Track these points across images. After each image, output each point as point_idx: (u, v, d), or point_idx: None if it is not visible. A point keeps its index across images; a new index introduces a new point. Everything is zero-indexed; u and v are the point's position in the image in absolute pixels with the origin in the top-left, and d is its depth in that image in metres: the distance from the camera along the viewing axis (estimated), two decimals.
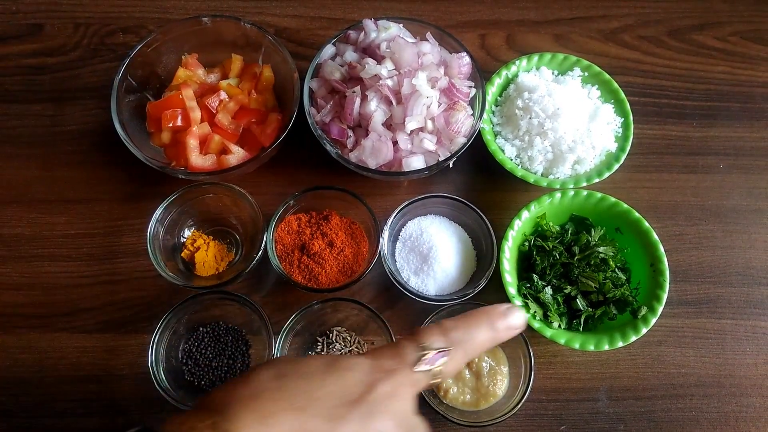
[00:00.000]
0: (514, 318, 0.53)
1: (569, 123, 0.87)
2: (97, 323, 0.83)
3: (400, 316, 0.85)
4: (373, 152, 0.82)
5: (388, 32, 0.86)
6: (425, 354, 0.48)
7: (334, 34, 0.89)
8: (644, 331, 0.77)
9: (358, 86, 0.83)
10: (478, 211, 0.84)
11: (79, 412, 0.79)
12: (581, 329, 0.81)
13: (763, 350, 0.86)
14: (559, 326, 0.80)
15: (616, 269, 0.83)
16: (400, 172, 0.83)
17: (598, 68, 0.94)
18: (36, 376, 0.81)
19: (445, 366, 0.49)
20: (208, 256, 0.84)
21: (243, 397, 0.42)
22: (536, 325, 0.78)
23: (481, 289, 0.80)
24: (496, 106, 0.94)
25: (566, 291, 0.81)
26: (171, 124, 0.85)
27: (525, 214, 0.83)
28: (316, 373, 0.45)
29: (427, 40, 0.88)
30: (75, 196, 0.90)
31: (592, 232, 0.84)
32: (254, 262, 0.80)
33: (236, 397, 0.42)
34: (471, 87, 0.87)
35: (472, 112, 0.86)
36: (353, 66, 0.84)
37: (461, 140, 0.84)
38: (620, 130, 0.91)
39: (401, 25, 0.88)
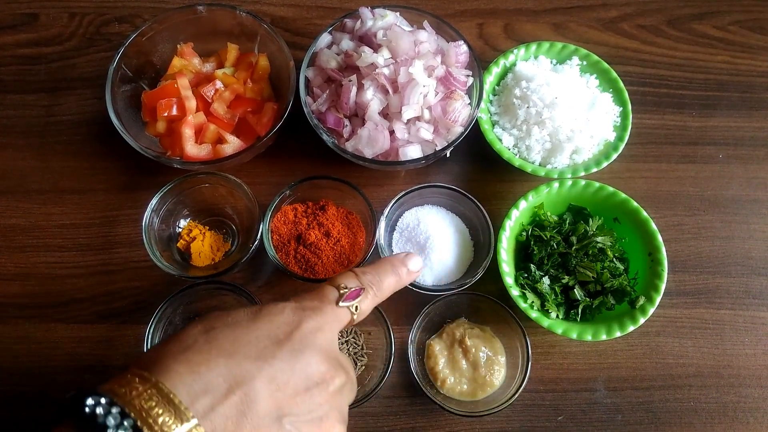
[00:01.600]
0: (411, 263, 0.62)
1: (567, 112, 0.86)
2: (92, 314, 0.83)
3: (397, 306, 0.84)
4: (370, 141, 0.81)
5: (385, 20, 0.85)
6: (344, 292, 0.53)
7: (330, 23, 0.88)
8: (642, 321, 0.77)
9: (355, 75, 0.82)
10: (476, 201, 0.83)
11: None
12: (579, 319, 0.81)
13: (761, 341, 0.86)
14: (557, 316, 0.80)
15: (614, 259, 0.82)
16: (396, 161, 0.83)
17: (596, 57, 0.93)
18: (31, 367, 0.81)
19: (361, 303, 0.54)
20: (203, 246, 0.84)
21: (174, 351, 0.43)
22: (534, 315, 0.77)
23: (478, 279, 0.80)
24: (494, 95, 0.93)
25: (564, 281, 0.81)
26: (166, 114, 0.85)
27: (522, 204, 0.83)
28: (243, 320, 0.47)
29: (424, 28, 0.87)
30: (70, 187, 0.90)
31: (590, 222, 0.83)
32: (250, 252, 0.79)
33: (168, 352, 0.43)
34: (468, 76, 0.86)
35: (469, 101, 0.86)
36: (349, 54, 0.84)
37: (458, 129, 0.83)
38: (619, 119, 0.90)
39: (398, 14, 0.88)
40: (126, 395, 0.39)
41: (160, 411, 0.38)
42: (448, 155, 0.85)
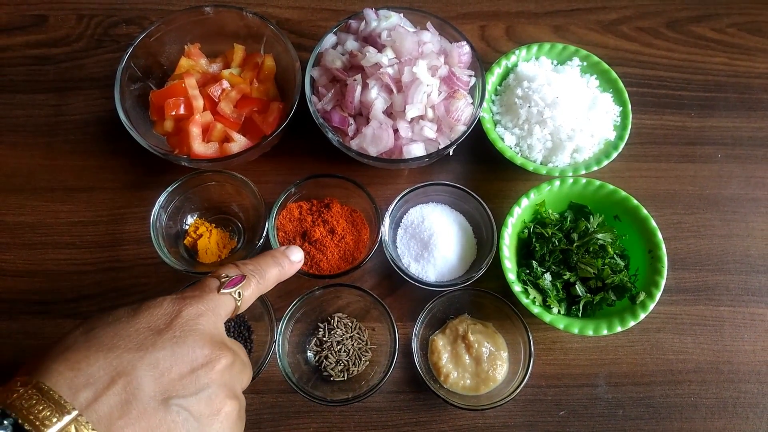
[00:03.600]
0: (293, 255, 0.67)
1: (568, 112, 0.88)
2: (100, 309, 0.84)
3: (401, 303, 0.86)
4: (374, 140, 0.83)
5: (389, 21, 0.86)
6: (225, 281, 0.56)
7: (336, 24, 0.90)
8: (642, 316, 0.78)
9: (359, 74, 0.84)
10: (479, 198, 0.84)
11: None
12: (580, 315, 0.82)
13: (760, 337, 0.87)
14: (559, 312, 0.81)
15: (615, 255, 0.84)
16: (400, 159, 0.84)
17: (596, 58, 0.94)
18: None
19: (244, 290, 0.57)
20: (210, 243, 0.85)
21: (54, 353, 0.45)
22: (536, 310, 0.78)
23: (481, 276, 0.81)
24: (496, 95, 0.95)
25: (565, 277, 0.82)
26: (174, 113, 0.86)
27: (524, 202, 0.84)
28: (123, 317, 0.49)
29: (427, 29, 0.89)
30: (78, 185, 0.91)
31: (591, 219, 0.85)
32: (256, 249, 0.80)
33: (49, 354, 0.45)
34: (471, 76, 0.87)
35: (472, 100, 0.87)
36: (354, 54, 0.85)
37: (461, 128, 0.85)
38: (619, 119, 0.92)
39: (402, 15, 0.89)
40: (7, 398, 0.41)
41: (41, 407, 0.40)
42: (451, 153, 0.86)
